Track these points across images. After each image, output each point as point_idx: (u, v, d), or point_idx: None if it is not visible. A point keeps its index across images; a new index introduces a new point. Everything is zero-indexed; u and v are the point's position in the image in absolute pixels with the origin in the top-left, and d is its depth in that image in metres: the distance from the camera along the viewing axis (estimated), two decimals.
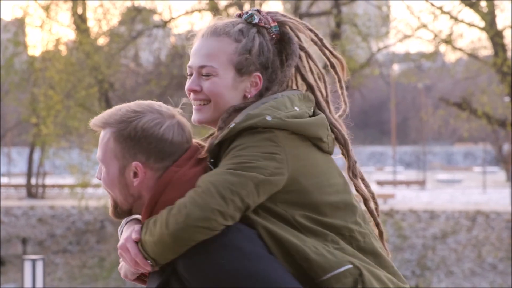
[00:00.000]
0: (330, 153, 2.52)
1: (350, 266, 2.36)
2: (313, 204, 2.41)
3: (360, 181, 2.66)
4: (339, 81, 2.67)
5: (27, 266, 14.27)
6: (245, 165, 2.34)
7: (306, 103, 2.53)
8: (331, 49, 2.66)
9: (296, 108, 2.47)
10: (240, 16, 2.67)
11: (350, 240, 2.43)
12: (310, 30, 2.68)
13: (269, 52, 2.60)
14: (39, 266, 14.31)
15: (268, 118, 2.41)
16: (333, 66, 2.66)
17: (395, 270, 2.47)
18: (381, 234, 2.64)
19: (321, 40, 2.66)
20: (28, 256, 15.76)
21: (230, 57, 2.62)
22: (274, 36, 2.61)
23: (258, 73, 2.59)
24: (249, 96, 2.59)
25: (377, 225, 2.65)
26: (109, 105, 24.79)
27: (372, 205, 2.66)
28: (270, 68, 2.59)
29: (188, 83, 2.64)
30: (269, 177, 2.34)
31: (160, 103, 2.62)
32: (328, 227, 2.41)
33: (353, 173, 2.63)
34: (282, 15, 2.68)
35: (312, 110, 2.54)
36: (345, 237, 2.43)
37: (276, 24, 2.63)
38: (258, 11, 2.64)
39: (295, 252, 2.34)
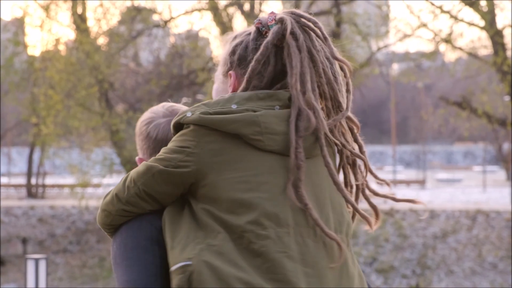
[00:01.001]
0: (273, 151, 2.43)
1: (187, 263, 2.36)
2: (218, 199, 2.41)
3: (350, 189, 2.67)
4: (347, 84, 2.62)
5: (30, 266, 14.26)
6: (157, 157, 2.48)
7: (265, 101, 2.49)
8: (335, 53, 2.62)
9: (233, 106, 2.45)
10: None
11: (238, 239, 2.38)
12: (313, 30, 2.65)
13: (246, 50, 2.59)
14: (42, 265, 14.30)
15: (188, 114, 2.46)
16: (341, 69, 2.63)
17: (287, 278, 2.34)
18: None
19: (324, 39, 2.63)
20: (31, 255, 15.74)
21: (223, 59, 2.67)
22: (265, 33, 2.59)
23: (231, 71, 2.60)
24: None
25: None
26: (109, 105, 24.80)
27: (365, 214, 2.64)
28: (247, 65, 2.58)
29: None
30: (170, 168, 2.44)
31: (170, 104, 2.79)
32: (222, 223, 2.39)
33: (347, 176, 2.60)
34: (291, 13, 2.65)
35: (277, 108, 2.48)
36: (234, 235, 2.38)
37: (274, 22, 2.59)
38: (272, 12, 2.63)
39: (166, 240, 2.46)
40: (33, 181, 39.20)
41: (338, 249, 2.40)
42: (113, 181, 30.56)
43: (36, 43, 27.78)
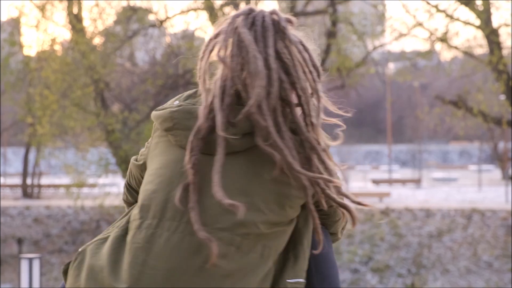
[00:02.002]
0: (182, 146, 2.45)
1: (81, 250, 2.50)
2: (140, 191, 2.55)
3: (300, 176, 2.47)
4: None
5: (24, 265, 14.26)
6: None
7: (192, 98, 2.52)
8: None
9: (176, 102, 2.51)
10: None
11: (128, 227, 2.48)
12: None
13: None
14: (36, 265, 14.30)
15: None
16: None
17: (120, 268, 2.39)
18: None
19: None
20: (24, 255, 15.72)
21: None
22: None
23: None
24: None
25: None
26: (104, 105, 24.77)
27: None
28: None
29: None
30: (135, 161, 2.68)
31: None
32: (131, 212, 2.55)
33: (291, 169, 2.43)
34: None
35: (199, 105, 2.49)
36: (130, 224, 2.48)
37: None
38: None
39: None
40: (29, 181, 39.17)
41: (209, 248, 2.33)
42: (108, 181, 30.56)
43: (32, 43, 27.78)
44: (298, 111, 2.46)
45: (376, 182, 47.15)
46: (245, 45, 2.45)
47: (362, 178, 52.46)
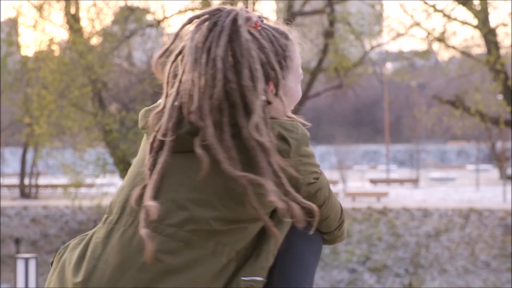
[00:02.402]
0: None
1: (66, 244, 2.57)
2: None
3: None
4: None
5: (20, 265, 14.24)
6: None
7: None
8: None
9: (159, 101, 2.59)
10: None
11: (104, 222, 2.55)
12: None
13: None
14: (32, 265, 14.28)
15: None
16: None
17: (79, 261, 2.46)
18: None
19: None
20: (21, 255, 15.70)
21: None
22: None
23: None
24: None
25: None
26: (102, 105, 24.76)
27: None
28: None
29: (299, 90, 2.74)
30: None
31: None
32: None
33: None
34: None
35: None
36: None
37: None
38: None
39: None
40: (27, 181, 39.15)
41: (145, 245, 2.38)
42: (106, 181, 30.54)
43: (30, 43, 27.76)
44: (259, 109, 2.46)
45: (374, 182, 47.17)
46: (192, 49, 2.51)
47: (360, 178, 52.49)
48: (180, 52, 2.56)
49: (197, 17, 2.60)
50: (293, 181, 2.49)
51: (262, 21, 2.66)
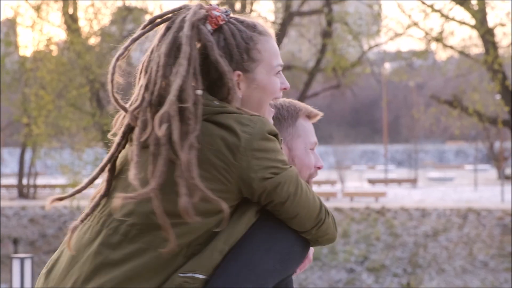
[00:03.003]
0: None
1: None
2: None
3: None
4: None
5: (16, 265, 14.21)
6: None
7: None
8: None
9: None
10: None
11: None
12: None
13: None
14: (28, 265, 14.24)
15: None
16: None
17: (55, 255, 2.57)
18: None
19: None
20: (16, 254, 15.68)
21: None
22: None
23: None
24: None
25: None
26: (100, 105, 24.75)
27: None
28: None
29: (285, 82, 2.72)
30: None
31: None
32: None
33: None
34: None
35: None
36: None
37: None
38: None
39: None
40: (25, 181, 39.13)
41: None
42: None
43: (28, 43, 27.75)
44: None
45: (372, 182, 47.17)
46: (149, 50, 2.65)
47: (358, 178, 52.49)
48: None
49: (160, 16, 2.68)
50: (244, 175, 2.47)
51: (227, 15, 2.67)
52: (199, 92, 2.50)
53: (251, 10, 25.56)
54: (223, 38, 2.62)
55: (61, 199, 2.72)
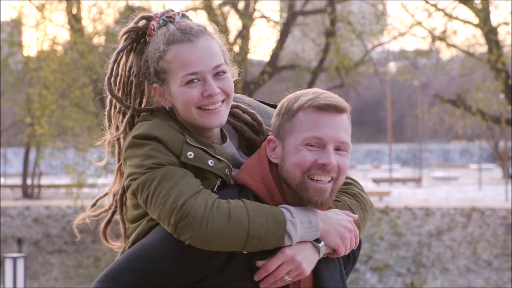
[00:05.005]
0: None
1: None
2: None
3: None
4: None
5: (8, 265, 14.16)
6: None
7: None
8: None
9: None
10: (171, 17, 2.77)
11: None
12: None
13: None
14: (20, 264, 14.20)
15: None
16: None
17: None
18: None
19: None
20: (8, 254, 15.63)
21: (221, 52, 2.76)
22: None
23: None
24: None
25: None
26: (103, 105, 24.74)
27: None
28: None
29: (207, 89, 2.72)
30: None
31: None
32: None
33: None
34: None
35: None
36: None
37: None
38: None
39: None
40: (29, 181, 39.16)
41: None
42: (108, 181, 30.52)
43: (31, 43, 27.75)
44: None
45: (376, 181, 47.12)
46: None
47: (363, 177, 52.45)
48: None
49: (129, 30, 2.93)
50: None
51: (161, 23, 2.83)
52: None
53: (254, 10, 25.54)
54: (148, 50, 2.80)
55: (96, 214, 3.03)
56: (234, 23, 25.84)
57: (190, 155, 2.67)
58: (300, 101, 2.68)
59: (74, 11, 24.68)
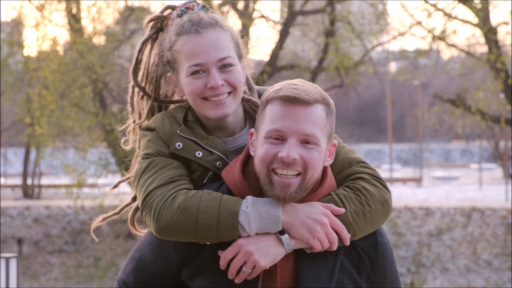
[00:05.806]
0: None
1: None
2: None
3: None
4: None
5: (1, 265, 14.13)
6: None
7: None
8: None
9: None
10: (190, 8, 2.76)
11: None
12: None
13: None
14: (13, 264, 14.17)
15: None
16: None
17: None
18: None
19: None
20: (2, 254, 15.62)
21: (232, 45, 2.77)
22: None
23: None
24: (244, 79, 2.85)
25: None
26: (103, 105, 24.75)
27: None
28: None
29: (210, 81, 2.73)
30: None
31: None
32: None
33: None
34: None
35: None
36: None
37: None
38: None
39: None
40: (29, 181, 39.16)
41: None
42: (108, 181, 30.55)
43: (31, 43, 27.76)
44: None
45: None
46: None
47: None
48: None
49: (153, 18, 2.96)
50: None
51: (180, 13, 2.82)
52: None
53: (253, 9, 25.54)
54: (164, 39, 2.86)
55: (106, 218, 2.99)
56: (234, 23, 25.84)
57: (179, 145, 2.72)
58: (269, 93, 2.66)
59: (74, 11, 24.68)
